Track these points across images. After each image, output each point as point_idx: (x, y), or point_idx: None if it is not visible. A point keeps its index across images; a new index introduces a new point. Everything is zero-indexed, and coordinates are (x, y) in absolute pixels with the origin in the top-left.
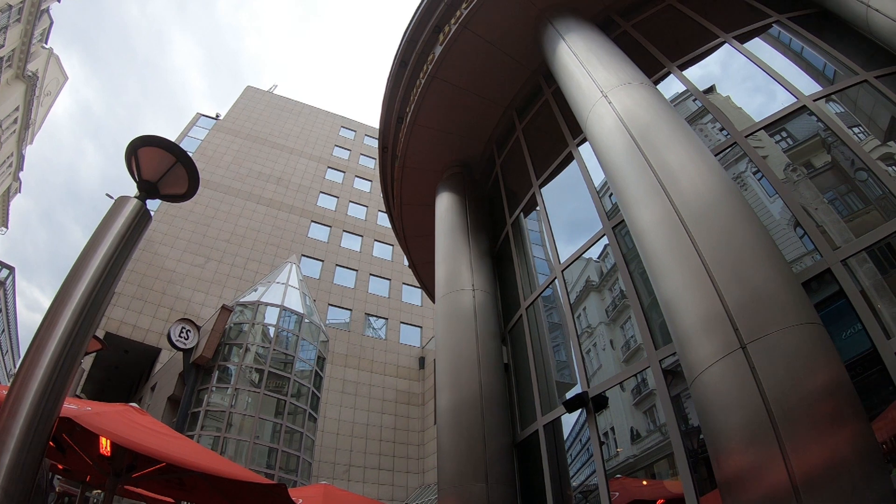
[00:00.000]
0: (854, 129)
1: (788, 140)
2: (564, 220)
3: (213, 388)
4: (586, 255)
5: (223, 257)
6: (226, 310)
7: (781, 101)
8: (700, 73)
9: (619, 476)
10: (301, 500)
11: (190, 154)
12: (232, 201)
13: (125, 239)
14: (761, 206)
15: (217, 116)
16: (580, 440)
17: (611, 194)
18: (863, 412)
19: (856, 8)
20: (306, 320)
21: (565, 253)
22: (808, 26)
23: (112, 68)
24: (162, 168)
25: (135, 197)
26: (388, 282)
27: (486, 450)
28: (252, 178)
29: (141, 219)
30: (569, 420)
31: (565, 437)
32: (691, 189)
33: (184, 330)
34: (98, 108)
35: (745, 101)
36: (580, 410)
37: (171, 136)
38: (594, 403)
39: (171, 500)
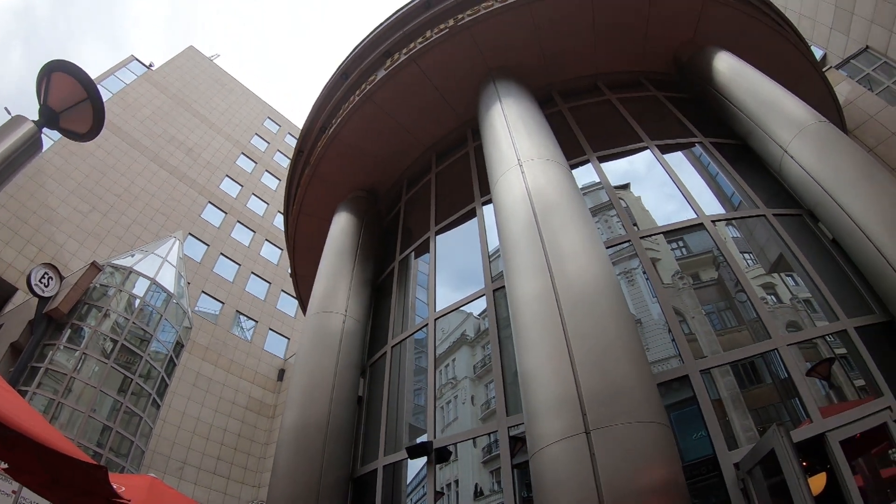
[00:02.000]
0: (745, 254)
1: (683, 249)
2: (451, 271)
3: (61, 347)
4: (468, 309)
5: (109, 212)
6: (95, 267)
7: (684, 213)
8: (620, 168)
9: None
10: (123, 489)
11: (109, 94)
12: (136, 157)
13: (8, 160)
14: (643, 304)
15: (150, 66)
16: (423, 487)
17: (500, 259)
18: None
19: (774, 150)
20: (175, 301)
21: (444, 302)
22: (726, 154)
23: None
24: (70, 100)
25: (33, 121)
26: (267, 285)
27: (323, 478)
28: (164, 140)
29: (31, 145)
30: (416, 465)
31: (409, 481)
32: (575, 274)
33: (46, 276)
34: (42, 10)
35: (652, 205)
36: (424, 458)
37: (101, 69)
38: (437, 454)
39: None
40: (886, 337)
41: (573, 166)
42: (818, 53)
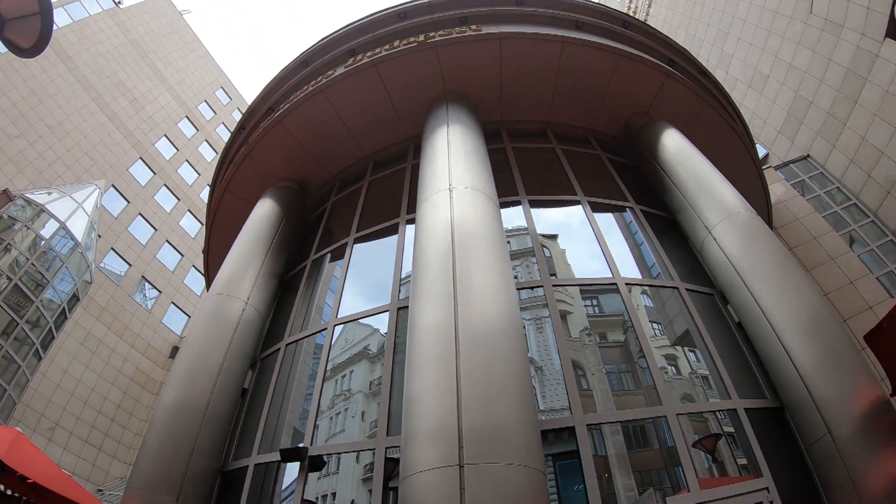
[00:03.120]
0: (654, 323)
1: (596, 308)
2: (363, 282)
3: None
4: (375, 325)
5: (36, 142)
6: (6, 195)
7: (604, 273)
8: (554, 219)
9: None
10: None
11: (69, 20)
12: (78, 92)
13: None
14: (547, 353)
15: (119, 2)
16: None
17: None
18: None
19: (699, 230)
20: (80, 251)
21: (348, 310)
22: (654, 224)
23: None
24: (21, 10)
25: None
26: (179, 257)
27: (191, 465)
28: (111, 82)
29: None
30: (294, 471)
31: (285, 486)
32: (479, 309)
33: None
34: None
35: (576, 260)
36: (297, 464)
37: None
38: (311, 462)
39: None
40: (774, 422)
41: (504, 204)
42: (762, 151)
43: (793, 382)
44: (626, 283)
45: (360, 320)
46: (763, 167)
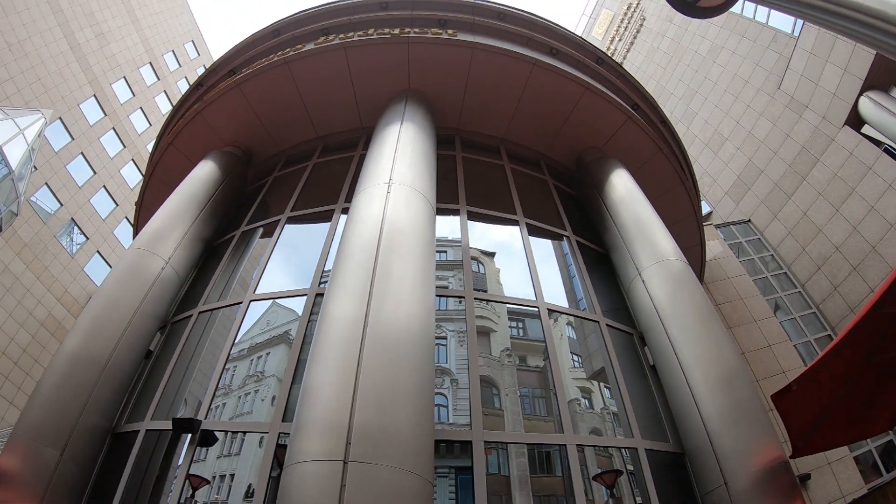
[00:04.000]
0: (574, 355)
1: (521, 331)
2: (287, 263)
3: None
4: (300, 311)
5: None
6: None
7: (531, 295)
8: (497, 237)
9: None
10: None
11: None
12: (45, 14)
13: None
14: (464, 364)
15: None
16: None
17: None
18: None
19: (630, 270)
20: (11, 179)
21: (267, 289)
22: (587, 256)
23: None
24: None
25: None
26: (114, 206)
27: (81, 420)
28: (82, 11)
29: None
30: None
31: (181, 459)
32: (392, 310)
33: None
34: None
35: (507, 278)
36: (188, 436)
37: None
38: (202, 436)
39: None
40: (672, 467)
41: (442, 211)
42: (706, 208)
43: (696, 431)
44: (549, 309)
45: (282, 303)
46: (704, 223)
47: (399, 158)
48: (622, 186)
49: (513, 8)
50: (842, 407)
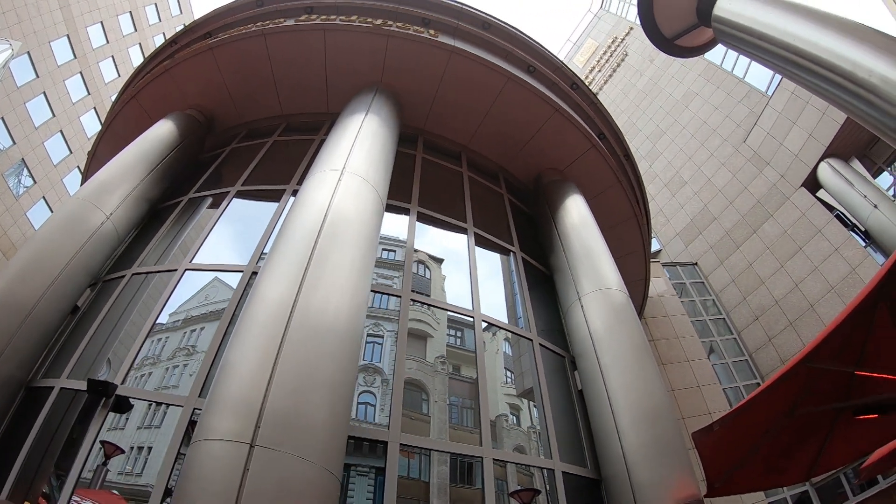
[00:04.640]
0: (508, 371)
1: (459, 340)
2: (230, 237)
3: None
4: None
5: None
6: None
7: (469, 304)
8: (451, 245)
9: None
10: None
11: None
12: None
13: None
14: (391, 364)
15: None
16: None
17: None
18: None
19: (570, 293)
20: None
21: (204, 259)
22: (530, 274)
23: None
24: None
25: None
26: (68, 153)
27: None
28: None
29: None
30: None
31: (94, 426)
32: (323, 298)
33: None
34: None
35: (452, 286)
36: (102, 399)
37: None
38: (116, 402)
39: None
40: (588, 492)
41: (392, 208)
42: (656, 245)
43: (615, 459)
44: (484, 320)
45: (224, 279)
46: (652, 259)
47: (357, 148)
48: (576, 211)
49: (498, 20)
50: (761, 453)
